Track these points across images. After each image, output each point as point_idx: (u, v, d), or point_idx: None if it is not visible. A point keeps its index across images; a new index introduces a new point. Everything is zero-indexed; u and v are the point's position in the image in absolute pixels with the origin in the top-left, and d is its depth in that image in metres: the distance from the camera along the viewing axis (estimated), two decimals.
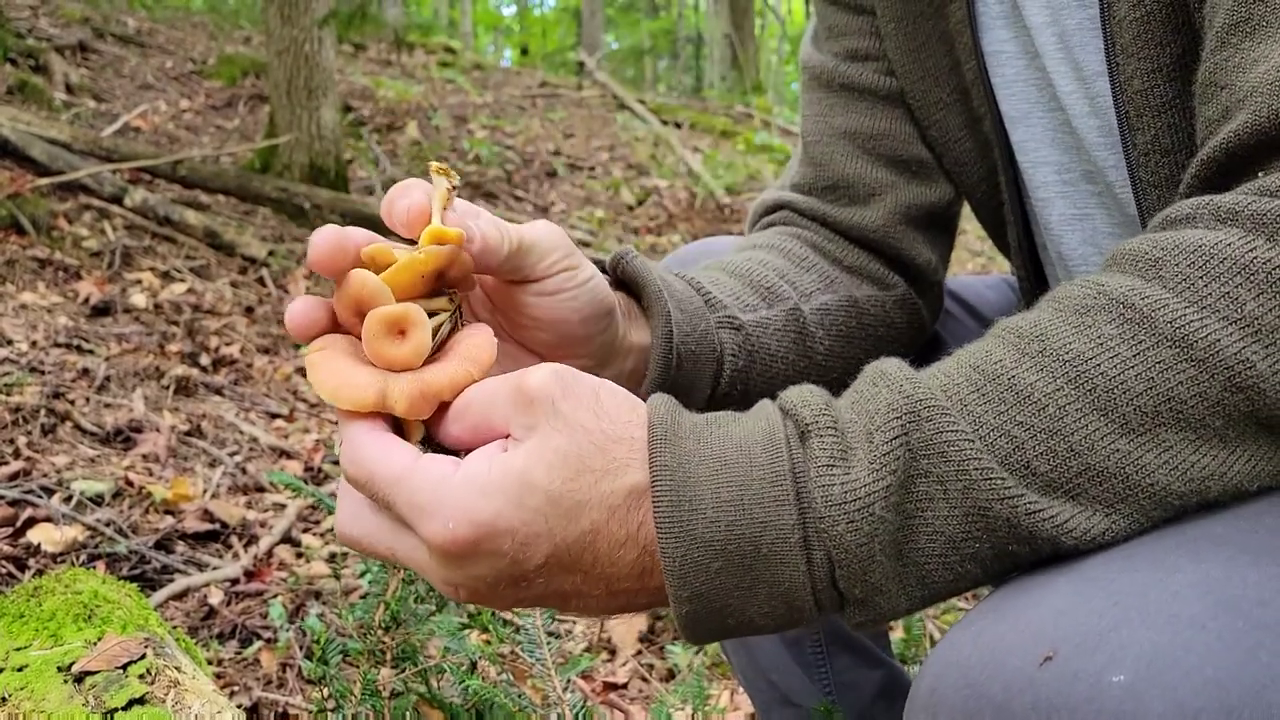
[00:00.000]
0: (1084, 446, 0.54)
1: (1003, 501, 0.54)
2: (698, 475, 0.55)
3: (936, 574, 0.55)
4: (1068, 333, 0.56)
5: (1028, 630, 0.49)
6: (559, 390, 0.56)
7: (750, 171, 7.79)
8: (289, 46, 5.41)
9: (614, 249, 0.85)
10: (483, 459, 0.55)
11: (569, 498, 0.54)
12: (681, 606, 0.56)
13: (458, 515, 0.54)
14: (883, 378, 0.58)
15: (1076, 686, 0.45)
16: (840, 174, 1.01)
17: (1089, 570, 0.52)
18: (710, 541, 0.54)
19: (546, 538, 0.55)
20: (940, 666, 0.52)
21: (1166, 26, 0.76)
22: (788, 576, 0.55)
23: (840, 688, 1.23)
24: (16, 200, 4.09)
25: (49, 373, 2.84)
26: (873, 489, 0.53)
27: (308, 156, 5.47)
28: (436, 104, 8.25)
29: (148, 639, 0.92)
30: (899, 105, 1.01)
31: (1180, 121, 0.78)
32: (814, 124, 1.04)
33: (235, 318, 3.82)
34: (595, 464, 0.55)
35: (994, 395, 0.55)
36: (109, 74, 7.05)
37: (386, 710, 1.13)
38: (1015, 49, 0.92)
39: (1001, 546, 0.55)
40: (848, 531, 0.53)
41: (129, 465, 2.43)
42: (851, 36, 1.03)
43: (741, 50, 13.46)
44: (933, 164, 1.02)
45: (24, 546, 1.94)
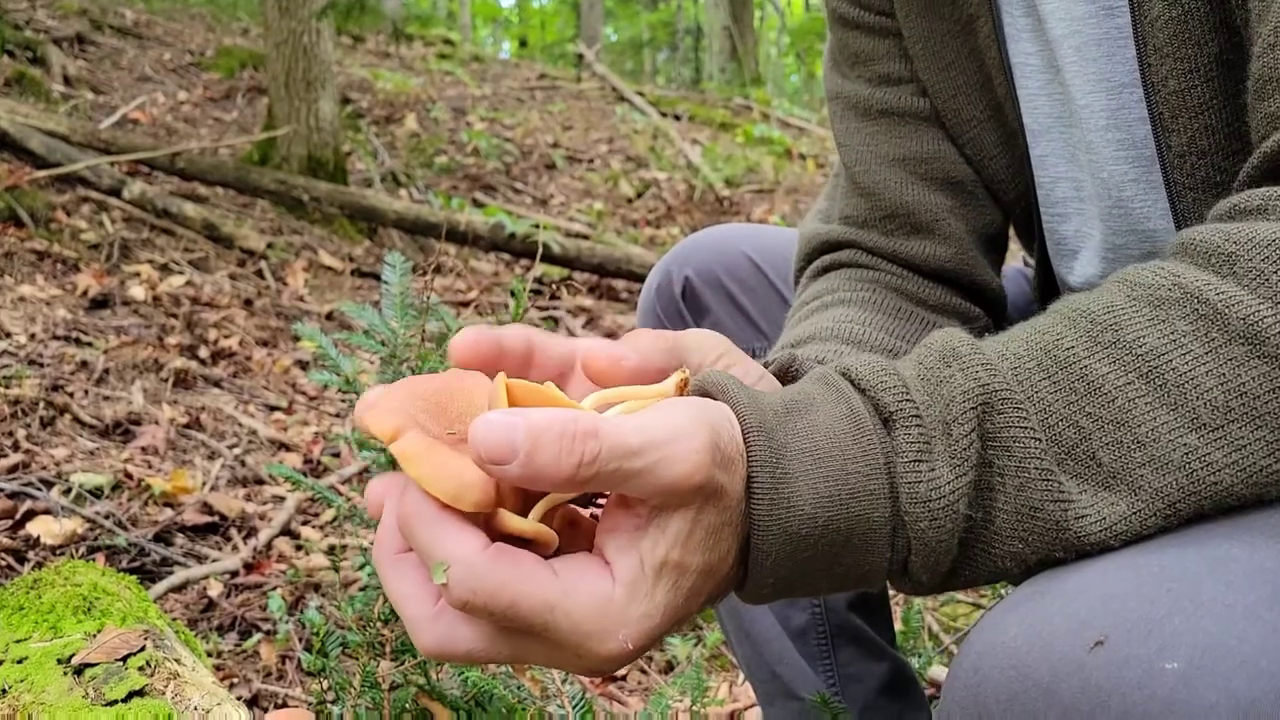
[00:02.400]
0: (1151, 439, 0.54)
1: (1056, 503, 0.54)
2: (793, 471, 0.54)
3: (983, 563, 0.56)
4: (1142, 325, 0.56)
5: (1077, 614, 0.49)
6: (719, 466, 0.52)
7: (749, 164, 7.78)
8: (287, 38, 5.39)
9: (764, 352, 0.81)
10: (632, 560, 0.52)
11: (717, 558, 0.54)
12: (762, 590, 0.56)
13: (634, 632, 0.51)
14: (955, 357, 0.57)
15: (1128, 672, 0.45)
16: (898, 202, 0.98)
17: (1140, 557, 0.52)
18: (805, 536, 0.54)
19: (697, 597, 0.54)
20: (984, 646, 0.52)
21: (1204, 25, 0.75)
22: (870, 563, 0.55)
23: (845, 680, 1.23)
24: (14, 193, 4.08)
25: (48, 365, 2.84)
26: (956, 486, 0.54)
27: (306, 149, 5.46)
28: (435, 96, 8.23)
29: (147, 631, 0.92)
30: (940, 126, 0.99)
31: (1217, 123, 0.77)
32: (858, 153, 1.01)
33: (234, 310, 3.82)
34: (735, 517, 0.54)
35: (1065, 384, 0.56)
36: (107, 66, 7.03)
37: (386, 703, 1.13)
38: (1039, 62, 0.92)
39: (1045, 552, 0.55)
40: (930, 529, 0.54)
41: (128, 458, 2.43)
42: (881, 61, 1.01)
43: (740, 43, 13.43)
44: (978, 182, 1.00)
45: (23, 539, 1.94)
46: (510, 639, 0.53)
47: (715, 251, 1.19)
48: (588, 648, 0.51)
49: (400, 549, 0.55)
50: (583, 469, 0.49)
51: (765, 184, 7.39)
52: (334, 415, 3.11)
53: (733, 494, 0.53)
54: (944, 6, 0.96)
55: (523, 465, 0.49)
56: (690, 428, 0.52)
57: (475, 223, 5.15)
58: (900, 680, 1.25)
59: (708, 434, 0.52)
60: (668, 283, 1.19)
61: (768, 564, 0.54)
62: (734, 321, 1.18)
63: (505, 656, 0.53)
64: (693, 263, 1.19)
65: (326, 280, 4.60)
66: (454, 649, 0.53)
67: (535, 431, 0.49)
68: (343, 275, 4.72)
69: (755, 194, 7.20)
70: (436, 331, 1.24)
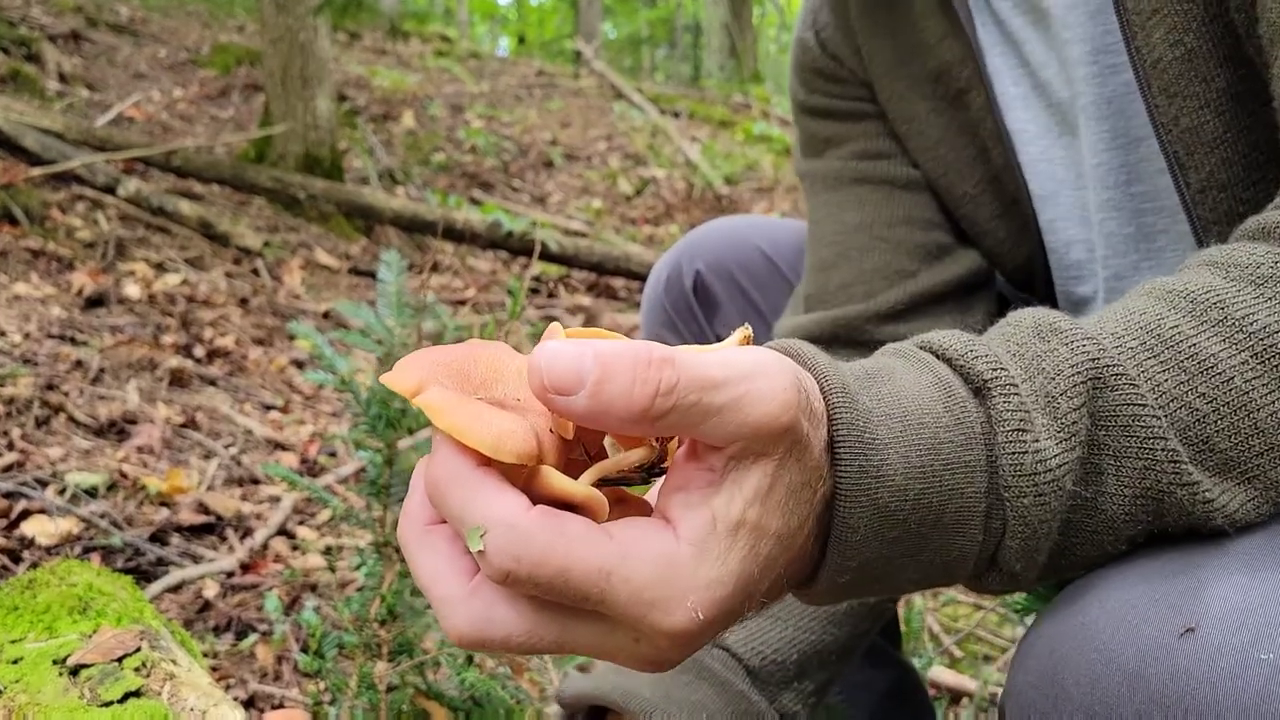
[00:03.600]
0: (1270, 425, 0.52)
1: (1184, 488, 0.51)
2: (882, 437, 0.49)
3: (1080, 550, 0.53)
4: (1249, 302, 0.53)
5: (1165, 599, 0.47)
6: (804, 412, 0.47)
7: (749, 162, 7.78)
8: (284, 35, 5.38)
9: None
10: (702, 517, 0.46)
11: (797, 524, 0.48)
12: (840, 576, 0.50)
13: (703, 600, 0.45)
14: (1054, 332, 0.54)
15: (1220, 661, 0.44)
16: (856, 272, 0.96)
17: (1230, 546, 0.51)
18: (894, 511, 0.49)
19: (770, 571, 0.48)
20: (1059, 629, 0.50)
21: (1212, 60, 0.74)
22: (961, 545, 0.51)
23: (851, 687, 1.22)
24: (9, 190, 4.07)
25: (42, 364, 2.83)
26: (1064, 460, 0.50)
27: (303, 146, 5.45)
28: (432, 93, 8.22)
29: (143, 632, 0.91)
30: (920, 191, 0.98)
31: (1234, 156, 0.76)
32: (823, 227, 1.00)
33: (230, 309, 3.81)
34: (815, 480, 0.48)
35: (1174, 363, 0.52)
36: (102, 63, 7.01)
37: (383, 703, 1.12)
38: (1037, 128, 0.91)
39: (1162, 531, 0.52)
40: (1034, 505, 0.50)
41: (123, 457, 2.42)
42: (857, 141, 1.00)
43: (740, 39, 13.42)
44: (956, 245, 0.98)
45: (18, 539, 1.93)
46: (557, 619, 0.46)
47: (727, 244, 1.17)
48: (650, 621, 0.44)
49: (430, 520, 0.48)
50: (659, 400, 0.43)
51: (764, 182, 7.39)
52: (330, 414, 3.10)
53: (815, 452, 0.48)
54: (927, 85, 0.95)
55: (591, 395, 0.43)
56: (775, 364, 0.46)
57: (473, 221, 5.14)
58: (906, 687, 1.25)
59: (793, 373, 0.47)
60: (678, 275, 1.17)
61: (854, 541, 0.49)
62: (745, 317, 1.16)
63: (549, 642, 0.46)
64: (703, 255, 1.16)
65: (323, 278, 4.59)
66: (491, 633, 0.46)
67: (606, 358, 0.43)
68: (339, 273, 4.71)
69: (754, 192, 7.19)
70: (433, 330, 1.23)
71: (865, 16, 0.97)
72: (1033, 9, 0.88)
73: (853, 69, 0.99)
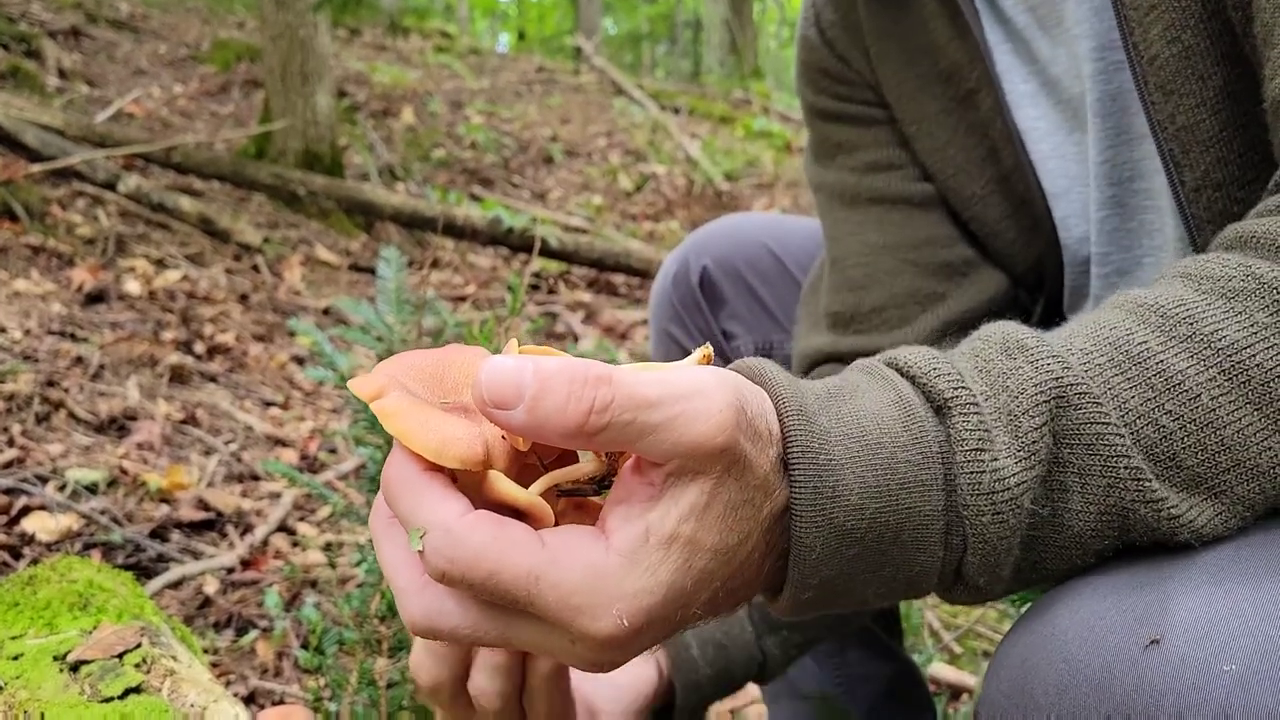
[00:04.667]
0: (1236, 442, 0.52)
1: (1148, 505, 0.51)
2: (838, 457, 0.50)
3: (1051, 563, 0.53)
4: (1219, 317, 0.53)
5: (1132, 610, 0.47)
6: (744, 432, 0.48)
7: (749, 158, 7.77)
8: (283, 31, 5.37)
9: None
10: (636, 530, 0.47)
11: (735, 540, 0.49)
12: (803, 594, 0.52)
13: (629, 607, 0.46)
14: (1020, 350, 0.54)
15: (1184, 672, 0.44)
16: (888, 294, 0.96)
17: (1199, 558, 0.51)
18: (851, 530, 0.50)
19: (708, 585, 0.49)
20: (1033, 639, 0.50)
21: (1208, 59, 0.74)
22: (922, 561, 0.52)
23: (852, 680, 1.23)
24: (9, 187, 4.07)
25: (43, 361, 2.83)
26: (1022, 479, 0.51)
27: (303, 142, 5.45)
28: (432, 89, 8.21)
29: (143, 628, 0.91)
30: (935, 208, 0.97)
31: (1229, 155, 0.76)
32: (847, 245, 0.98)
33: (230, 305, 3.81)
34: (759, 498, 0.50)
35: (1141, 380, 0.52)
36: (102, 59, 7.00)
37: (383, 699, 1.13)
38: (1047, 125, 0.90)
39: (1130, 545, 0.53)
40: (992, 524, 0.51)
41: (124, 454, 2.42)
42: (868, 149, 0.99)
43: (740, 35, 13.40)
44: (980, 259, 0.97)
45: (18, 535, 1.93)
46: (498, 616, 0.48)
47: (735, 242, 1.18)
48: (579, 625, 0.47)
49: (393, 514, 0.51)
50: (593, 417, 0.45)
51: (765, 178, 7.38)
52: (330, 411, 3.10)
53: (758, 471, 0.49)
54: (936, 85, 0.94)
55: (528, 410, 0.45)
56: (714, 385, 0.48)
57: (473, 217, 5.14)
58: (906, 681, 1.25)
59: (733, 394, 0.48)
60: (685, 272, 1.17)
61: (812, 559, 0.51)
62: (752, 313, 1.16)
63: (494, 636, 0.49)
64: (711, 252, 1.17)
65: (323, 275, 4.59)
66: (440, 624, 0.49)
67: (544, 375, 0.45)
68: (339, 270, 4.70)
69: (755, 188, 7.19)
70: (433, 327, 1.23)
71: (874, 17, 0.96)
72: (1038, 5, 0.87)
73: (860, 70, 0.99)
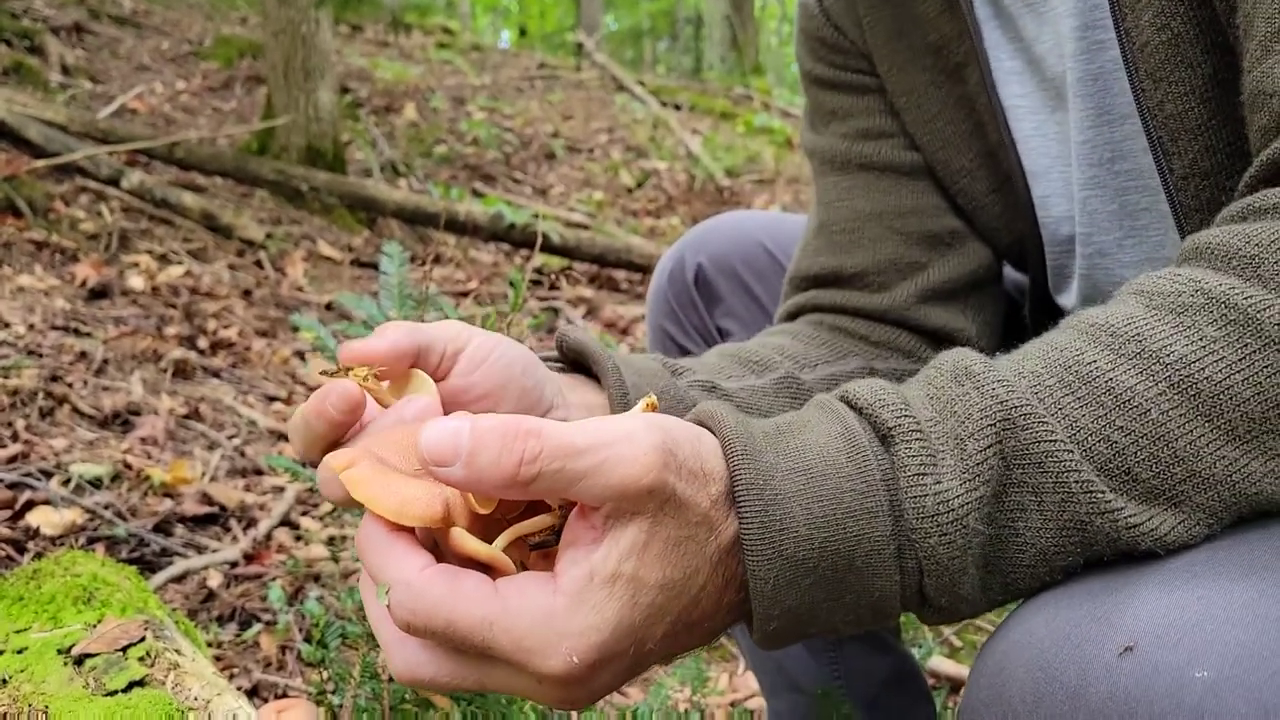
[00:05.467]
0: (1189, 453, 0.52)
1: (1103, 515, 0.52)
2: (785, 491, 0.52)
3: (1022, 581, 0.54)
4: (1167, 333, 0.54)
5: (1106, 619, 0.48)
6: (674, 472, 0.51)
7: (750, 154, 7.77)
8: (286, 27, 5.37)
9: (564, 326, 0.83)
10: (581, 571, 0.50)
11: (681, 575, 0.52)
12: (769, 624, 0.54)
13: (578, 645, 0.49)
14: (968, 376, 0.55)
15: (1157, 680, 0.44)
16: (870, 260, 0.97)
17: (1171, 564, 0.52)
18: (803, 560, 0.52)
19: (661, 620, 0.52)
20: (1009, 647, 0.51)
21: (1196, 47, 0.74)
22: (880, 586, 0.53)
23: (850, 674, 1.23)
24: (13, 183, 4.07)
25: (47, 356, 2.84)
26: (966, 500, 0.52)
27: (305, 138, 5.45)
28: (434, 85, 8.21)
29: (147, 622, 0.92)
30: (923, 178, 0.98)
31: (1217, 143, 0.76)
32: (835, 210, 1.00)
33: (233, 300, 3.81)
34: (702, 534, 0.52)
35: (1091, 398, 0.53)
36: (105, 55, 7.01)
37: (385, 693, 1.13)
38: (1032, 103, 0.91)
39: (1095, 558, 0.54)
40: (940, 544, 0.52)
41: (127, 448, 2.43)
42: (858, 117, 1.00)
43: (741, 32, 13.39)
44: (966, 231, 0.99)
45: (23, 529, 1.94)
46: (468, 663, 0.52)
47: (730, 239, 1.18)
48: (534, 666, 0.49)
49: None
50: (524, 468, 0.48)
51: (766, 174, 7.38)
52: None
53: (697, 508, 0.51)
54: (927, 58, 0.95)
55: (465, 465, 0.49)
56: (640, 431, 0.51)
57: (474, 213, 5.14)
58: (904, 674, 1.26)
59: (659, 437, 0.51)
60: (680, 269, 1.18)
61: (768, 591, 0.53)
62: (747, 310, 1.17)
63: (471, 682, 0.52)
64: (707, 249, 1.17)
65: (326, 270, 4.60)
66: (420, 674, 0.52)
67: (479, 432, 0.49)
68: (342, 265, 4.71)
69: (756, 184, 7.18)
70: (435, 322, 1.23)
71: None
72: None
73: (854, 40, 1.00)
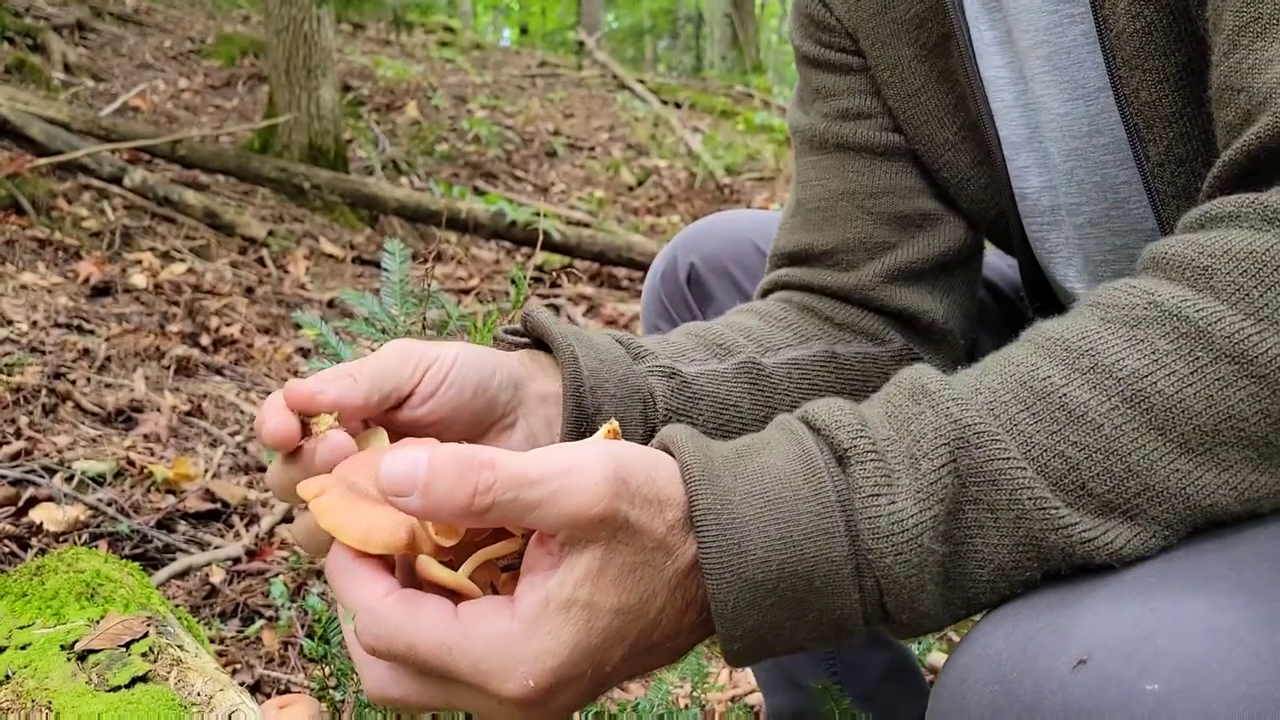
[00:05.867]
0: (1143, 467, 0.53)
1: (1057, 531, 0.53)
2: (742, 514, 0.53)
3: (983, 596, 0.55)
4: (1120, 346, 0.54)
5: (1062, 632, 0.49)
6: (626, 500, 0.52)
7: (750, 152, 7.76)
8: (287, 26, 5.37)
9: (529, 307, 0.82)
10: (537, 596, 0.52)
11: (637, 600, 0.53)
12: (733, 645, 0.55)
13: (534, 669, 0.51)
14: (924, 394, 0.56)
15: (1109, 693, 0.45)
16: (840, 239, 0.98)
17: (1127, 576, 0.52)
18: (762, 582, 0.53)
19: (619, 643, 0.53)
20: (969, 659, 0.52)
21: (1169, 36, 0.75)
22: (840, 605, 0.54)
23: (846, 669, 1.23)
24: (15, 180, 4.08)
25: (50, 353, 2.85)
26: (920, 519, 0.52)
27: (307, 136, 5.45)
28: (436, 84, 8.21)
29: (150, 618, 0.93)
30: (899, 159, 0.99)
31: (1192, 130, 0.77)
32: (811, 188, 1.01)
33: (235, 298, 3.82)
34: (659, 558, 0.53)
35: (1045, 414, 0.54)
36: (107, 53, 7.01)
37: None
38: (1010, 75, 0.91)
39: (1053, 571, 0.54)
40: (896, 564, 0.52)
41: (130, 445, 2.43)
42: (841, 97, 1.01)
43: (741, 30, 13.37)
44: (939, 212, 0.99)
45: (26, 526, 1.94)
46: (433, 685, 0.53)
47: (722, 239, 1.19)
48: (493, 689, 0.51)
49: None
50: (478, 498, 0.49)
51: (766, 171, 7.38)
52: None
53: (652, 534, 0.52)
54: (909, 31, 0.95)
55: (422, 495, 0.50)
56: (592, 460, 0.52)
57: (476, 210, 5.14)
58: (901, 668, 1.26)
59: (611, 466, 0.52)
60: (673, 269, 1.19)
61: (728, 614, 0.53)
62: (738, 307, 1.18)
63: (440, 702, 0.54)
64: (699, 249, 1.18)
65: (328, 268, 4.60)
66: (390, 694, 0.54)
67: (435, 464, 0.50)
68: (344, 263, 4.71)
69: (756, 182, 7.18)
70: (437, 319, 1.24)
71: None
72: None
73: (840, 17, 1.01)
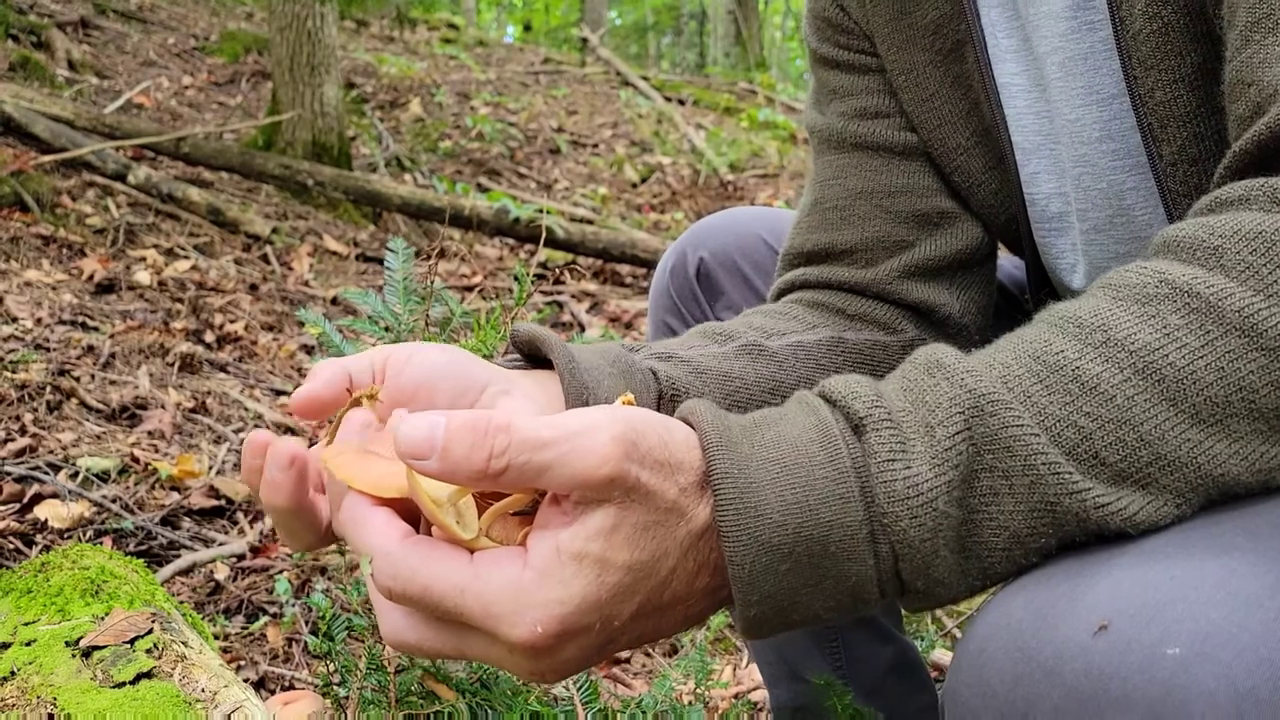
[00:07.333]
0: (1154, 436, 0.54)
1: (1072, 496, 0.54)
2: (759, 479, 0.54)
3: (999, 565, 0.56)
4: (1132, 322, 0.56)
5: (1082, 599, 0.49)
6: (636, 462, 0.53)
7: (754, 148, 7.76)
8: (291, 23, 5.38)
9: (524, 324, 0.82)
10: (549, 546, 0.53)
11: (648, 557, 0.54)
12: (749, 610, 0.55)
13: (542, 615, 0.52)
14: (939, 368, 0.57)
15: (1130, 657, 0.45)
16: (859, 238, 0.99)
17: (1146, 544, 0.53)
18: (778, 546, 0.54)
19: (629, 599, 0.54)
20: (989, 629, 0.52)
21: (1185, 36, 0.76)
22: (855, 571, 0.55)
23: (851, 663, 1.24)
24: (20, 178, 4.09)
25: (54, 350, 2.85)
26: (935, 484, 0.53)
27: (310, 133, 5.46)
28: (439, 81, 8.21)
29: (155, 614, 0.93)
30: (916, 158, 1.00)
31: (1205, 130, 0.78)
32: (829, 188, 1.02)
33: (239, 295, 3.82)
34: (671, 520, 0.54)
35: (1058, 386, 0.55)
36: (111, 50, 7.02)
37: (391, 685, 1.14)
38: (1025, 81, 0.92)
39: (1068, 539, 0.55)
40: (911, 527, 0.53)
41: (134, 442, 2.44)
42: (858, 96, 1.02)
43: (745, 26, 13.36)
44: (956, 211, 1.00)
45: (31, 523, 1.95)
46: (445, 630, 0.55)
47: (731, 234, 1.19)
48: (502, 633, 0.52)
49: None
50: (494, 460, 0.51)
51: (769, 168, 7.37)
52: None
53: (664, 496, 0.54)
54: (925, 37, 0.96)
55: (440, 458, 0.52)
56: (603, 423, 0.53)
57: (479, 207, 5.14)
58: (906, 663, 1.26)
59: (620, 429, 0.53)
60: (682, 264, 1.19)
61: (745, 576, 0.54)
62: (747, 303, 1.18)
63: (450, 649, 0.55)
64: (708, 244, 1.18)
65: (331, 265, 4.60)
66: (406, 638, 0.56)
67: (451, 429, 0.52)
68: (347, 260, 4.72)
69: (759, 178, 7.18)
70: (440, 316, 1.24)
71: None
72: None
73: (857, 19, 1.01)
